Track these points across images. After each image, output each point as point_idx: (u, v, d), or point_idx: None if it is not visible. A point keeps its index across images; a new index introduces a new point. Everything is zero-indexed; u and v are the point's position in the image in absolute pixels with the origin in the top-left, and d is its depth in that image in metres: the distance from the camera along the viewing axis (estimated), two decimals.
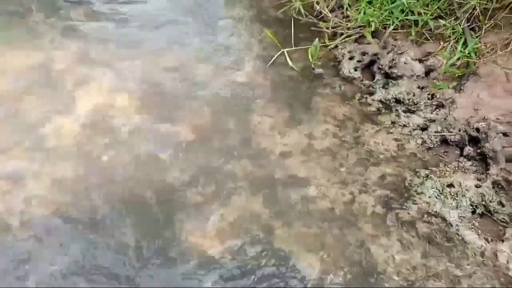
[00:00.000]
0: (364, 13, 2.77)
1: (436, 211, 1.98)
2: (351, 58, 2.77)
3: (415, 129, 2.36)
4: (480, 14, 2.58)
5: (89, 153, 2.26)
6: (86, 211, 2.03)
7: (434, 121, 2.36)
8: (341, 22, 2.98)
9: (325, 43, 2.90)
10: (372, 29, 2.78)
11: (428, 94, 2.50)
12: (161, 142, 2.36)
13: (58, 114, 2.42)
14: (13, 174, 2.15)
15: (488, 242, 1.87)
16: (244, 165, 2.27)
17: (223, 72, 2.78)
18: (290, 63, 2.73)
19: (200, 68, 2.80)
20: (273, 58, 2.75)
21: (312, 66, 2.77)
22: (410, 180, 2.13)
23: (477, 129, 2.25)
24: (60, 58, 2.72)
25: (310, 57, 2.75)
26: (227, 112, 2.55)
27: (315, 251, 1.91)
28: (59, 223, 1.98)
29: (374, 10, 2.79)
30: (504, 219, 1.94)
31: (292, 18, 3.03)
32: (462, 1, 2.64)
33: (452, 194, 2.02)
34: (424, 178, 2.11)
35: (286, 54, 2.74)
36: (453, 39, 2.58)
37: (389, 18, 2.80)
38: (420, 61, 2.64)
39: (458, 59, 2.49)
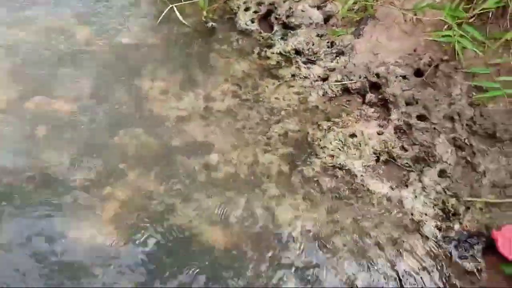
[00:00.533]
0: None
1: (340, 164, 1.91)
2: (246, 9, 2.57)
3: (316, 80, 2.25)
4: None
5: None
6: None
7: (334, 70, 2.26)
8: None
9: None
10: None
11: (328, 42, 2.38)
12: (35, 120, 2.03)
13: None
14: None
15: (393, 189, 1.84)
16: (135, 137, 2.03)
17: (106, 35, 2.46)
18: (180, 18, 2.47)
19: (79, 32, 2.45)
20: (162, 15, 2.46)
21: (204, 19, 2.52)
22: (313, 134, 2.03)
23: (377, 75, 2.18)
24: None
25: (201, 10, 2.50)
26: (112, 79, 2.26)
27: (220, 225, 1.76)
28: None
29: None
30: (407, 163, 1.91)
31: None
32: None
33: (355, 144, 1.95)
34: (326, 131, 2.01)
35: (175, 9, 2.47)
36: None
37: None
38: (318, 8, 2.50)
39: (355, 2, 2.38)
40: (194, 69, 2.33)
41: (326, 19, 2.48)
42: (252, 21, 2.53)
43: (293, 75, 2.28)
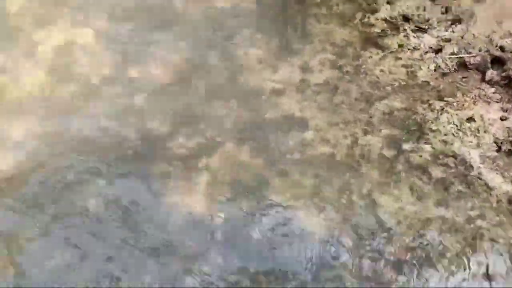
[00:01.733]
0: None
1: (453, 151, 1.72)
2: None
3: (427, 52, 2.03)
4: None
5: (58, 104, 1.96)
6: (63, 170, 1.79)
7: (449, 40, 2.02)
8: None
9: None
10: None
11: (442, 7, 2.12)
12: (134, 87, 2.05)
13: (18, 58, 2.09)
14: None
15: None
16: (231, 109, 1.98)
17: None
18: None
19: None
20: None
21: None
22: (423, 114, 1.85)
23: (501, 48, 1.92)
24: None
25: None
26: (207, 46, 2.21)
27: (315, 205, 1.68)
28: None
29: None
30: None
31: None
32: None
33: (473, 129, 1.74)
34: (439, 112, 1.82)
35: None
36: None
37: None
38: None
39: None
40: (291, 37, 2.21)
41: None
42: None
43: (400, 45, 2.08)
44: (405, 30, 2.11)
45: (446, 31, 2.05)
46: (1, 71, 2.08)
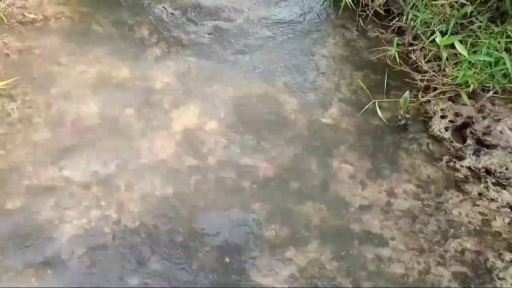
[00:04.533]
0: (464, 73, 2.68)
1: None
2: (443, 117, 2.70)
3: (503, 206, 2.26)
4: None
5: (180, 174, 2.36)
6: (167, 231, 2.13)
7: None
8: (436, 76, 2.91)
9: (417, 95, 2.85)
10: (470, 90, 2.69)
11: None
12: (243, 172, 2.42)
13: (154, 131, 2.55)
14: (106, 181, 2.29)
15: None
16: (320, 211, 2.29)
17: (309, 110, 2.81)
18: (379, 113, 2.70)
19: (286, 102, 2.84)
20: (364, 108, 2.73)
21: (399, 118, 2.72)
22: (493, 262, 2.05)
23: None
24: (160, 76, 2.86)
25: (399, 108, 2.72)
26: (308, 152, 2.57)
27: None
28: (143, 237, 2.09)
29: (475, 72, 2.70)
30: None
31: (386, 65, 3.01)
32: None
33: None
34: (509, 263, 2.01)
35: (376, 104, 2.72)
36: None
37: (489, 81, 2.70)
38: None
39: None
40: (382, 162, 2.52)
41: None
42: (446, 129, 2.65)
43: (480, 194, 2.33)
44: (486, 181, 2.37)
45: None
46: (142, 134, 2.54)
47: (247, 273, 2.03)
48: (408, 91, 2.68)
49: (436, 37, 2.74)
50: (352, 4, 3.31)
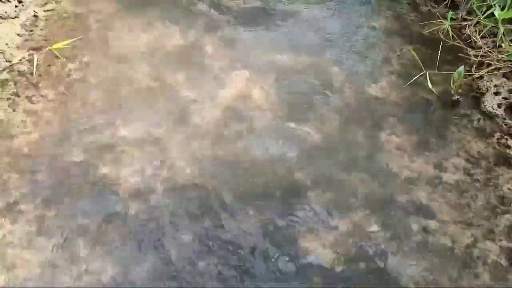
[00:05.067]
0: None
1: None
2: (496, 93, 2.63)
3: None
4: None
5: (227, 137, 2.42)
6: (215, 193, 2.20)
7: None
8: (491, 52, 2.83)
9: (470, 71, 2.78)
10: None
11: None
12: (289, 141, 2.45)
13: (203, 95, 2.60)
14: (158, 142, 2.38)
15: None
16: (365, 181, 2.30)
17: (356, 81, 2.79)
18: (430, 86, 2.66)
19: (334, 72, 2.83)
20: (414, 79, 2.69)
21: (452, 92, 2.68)
22: None
23: None
24: (210, 43, 2.90)
25: (452, 83, 2.67)
26: (356, 123, 2.57)
27: None
28: (193, 196, 2.17)
29: None
30: None
31: (439, 40, 2.94)
32: None
33: None
34: None
35: (427, 76, 2.68)
36: None
37: None
38: None
39: None
40: (430, 135, 2.50)
41: None
42: (499, 106, 2.59)
43: None
44: None
45: None
46: (192, 99, 2.60)
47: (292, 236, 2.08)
48: (462, 66, 2.62)
49: (494, 10, 2.65)
50: None
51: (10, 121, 2.36)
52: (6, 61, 2.59)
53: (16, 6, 2.86)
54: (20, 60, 2.59)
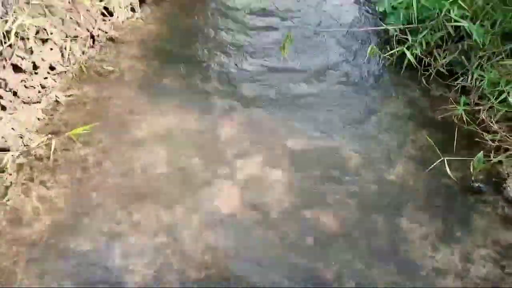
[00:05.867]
0: None
1: None
2: None
3: None
4: None
5: (243, 226, 2.35)
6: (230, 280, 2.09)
7: None
8: (507, 137, 2.80)
9: (488, 155, 2.74)
10: None
11: None
12: (307, 227, 2.37)
13: (219, 181, 2.57)
14: (171, 230, 2.30)
15: None
16: (390, 274, 2.18)
17: (373, 166, 2.76)
18: (449, 172, 2.61)
19: (349, 156, 2.81)
20: (433, 165, 2.65)
21: (473, 179, 2.62)
22: None
23: None
24: (225, 127, 2.93)
25: (471, 169, 2.62)
26: (374, 209, 2.50)
27: None
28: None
29: None
30: None
31: (454, 125, 2.94)
32: None
33: None
34: None
35: (445, 162, 2.64)
36: None
37: None
38: None
39: None
40: (454, 224, 2.41)
41: None
42: None
43: None
44: None
45: None
46: (207, 184, 2.57)
47: None
48: (481, 152, 2.59)
49: (508, 97, 2.68)
50: (415, 63, 3.32)
51: (23, 207, 2.33)
52: (24, 145, 2.62)
53: (39, 92, 2.96)
54: (38, 144, 2.62)
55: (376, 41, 3.80)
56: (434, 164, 2.65)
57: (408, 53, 3.31)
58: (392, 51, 3.45)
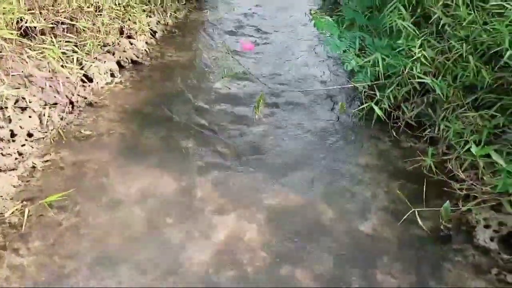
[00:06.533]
0: (504, 182, 2.67)
1: None
2: (486, 227, 2.64)
3: None
4: None
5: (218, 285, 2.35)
6: None
7: None
8: (474, 185, 2.90)
9: (457, 204, 2.81)
10: None
11: None
12: (283, 284, 2.37)
13: (194, 241, 2.59)
14: None
15: None
16: None
17: (347, 219, 2.81)
18: (420, 222, 2.67)
19: (323, 210, 2.86)
20: (404, 217, 2.70)
21: (441, 228, 2.68)
22: None
23: None
24: (202, 186, 2.98)
25: (440, 219, 2.68)
26: (349, 263, 2.51)
27: None
28: None
29: None
30: None
31: (423, 175, 3.03)
32: None
33: None
34: None
35: (416, 214, 2.70)
36: None
37: None
38: None
39: None
40: (426, 274, 2.44)
41: None
42: (492, 240, 2.57)
43: None
44: None
45: None
46: (183, 245, 2.58)
47: None
48: (448, 201, 2.67)
49: (471, 147, 2.79)
50: (384, 117, 3.47)
51: None
52: None
53: (16, 159, 3.00)
54: (12, 212, 2.63)
55: (346, 98, 3.98)
56: (406, 216, 2.71)
57: (376, 108, 3.45)
58: (361, 107, 3.60)
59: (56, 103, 3.47)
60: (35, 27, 3.61)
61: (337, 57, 4.49)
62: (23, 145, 3.08)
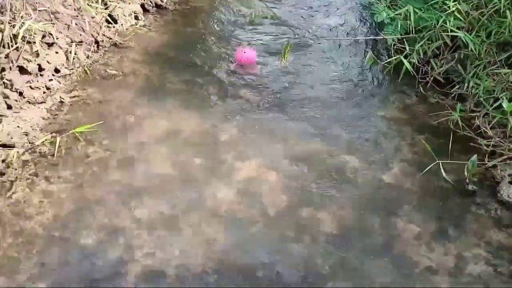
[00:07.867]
0: None
1: None
2: (511, 183, 2.62)
3: None
4: None
5: (240, 222, 2.39)
6: (228, 279, 2.13)
7: None
8: (502, 142, 2.87)
9: (482, 160, 2.80)
10: None
11: None
12: (303, 227, 2.41)
13: (218, 180, 2.62)
14: (171, 224, 2.35)
15: None
16: (384, 271, 2.21)
17: (370, 168, 2.81)
18: (444, 175, 2.67)
19: (347, 159, 2.86)
20: (427, 168, 2.70)
21: (467, 181, 2.67)
22: None
23: None
24: (225, 130, 2.99)
25: (465, 172, 2.67)
26: (371, 210, 2.54)
27: None
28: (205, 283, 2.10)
29: None
30: None
31: (450, 130, 3.00)
32: None
33: None
34: None
35: (441, 165, 2.69)
36: None
37: None
38: None
39: None
40: (448, 225, 2.45)
41: None
42: None
43: None
44: None
45: None
46: (207, 183, 2.62)
47: None
48: (475, 155, 2.65)
49: (502, 103, 2.74)
50: (413, 71, 3.40)
51: (28, 201, 2.38)
52: (29, 143, 2.68)
53: (44, 93, 3.03)
54: (43, 142, 2.68)
55: (374, 49, 3.89)
56: (429, 166, 2.70)
57: (405, 61, 3.39)
58: (390, 59, 3.52)
59: (81, 41, 3.45)
60: None
61: (369, 7, 4.36)
62: (51, 79, 3.10)
